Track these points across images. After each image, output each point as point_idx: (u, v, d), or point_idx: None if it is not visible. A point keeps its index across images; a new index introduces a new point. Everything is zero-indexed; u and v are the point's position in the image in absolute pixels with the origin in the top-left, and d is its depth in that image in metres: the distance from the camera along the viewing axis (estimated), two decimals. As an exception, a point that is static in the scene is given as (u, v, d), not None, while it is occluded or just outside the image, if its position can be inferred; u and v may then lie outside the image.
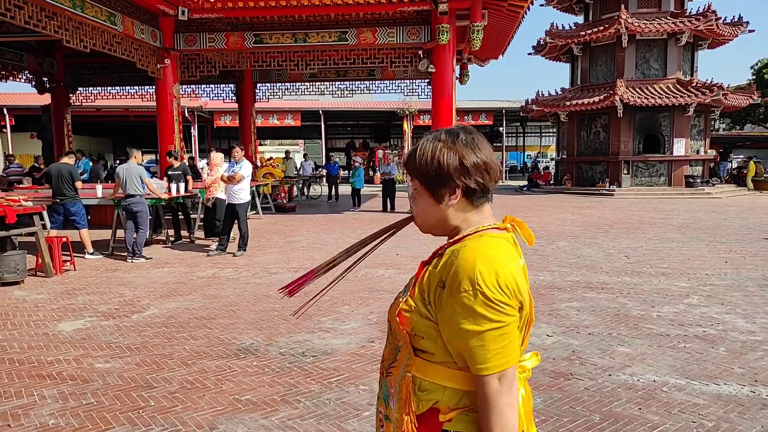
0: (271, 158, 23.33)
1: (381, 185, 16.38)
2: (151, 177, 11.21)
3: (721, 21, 21.18)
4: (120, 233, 9.22)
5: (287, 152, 23.11)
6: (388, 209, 15.47)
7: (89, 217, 10.19)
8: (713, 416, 3.28)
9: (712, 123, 24.41)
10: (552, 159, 33.87)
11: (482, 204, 1.34)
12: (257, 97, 20.70)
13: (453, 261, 1.23)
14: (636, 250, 8.95)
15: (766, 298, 5.89)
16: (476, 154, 1.31)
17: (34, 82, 17.69)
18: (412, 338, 1.32)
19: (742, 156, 28.96)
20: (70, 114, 18.70)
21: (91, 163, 17.05)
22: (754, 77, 24.47)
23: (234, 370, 4.04)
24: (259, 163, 19.84)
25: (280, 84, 20.46)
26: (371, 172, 29.77)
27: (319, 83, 20.37)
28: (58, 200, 8.43)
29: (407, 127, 30.75)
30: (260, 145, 32.70)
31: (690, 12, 21.89)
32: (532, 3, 13.66)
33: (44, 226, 8.88)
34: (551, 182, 26.14)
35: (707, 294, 6.10)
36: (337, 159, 23.14)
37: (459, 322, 1.20)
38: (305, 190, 21.33)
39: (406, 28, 13.62)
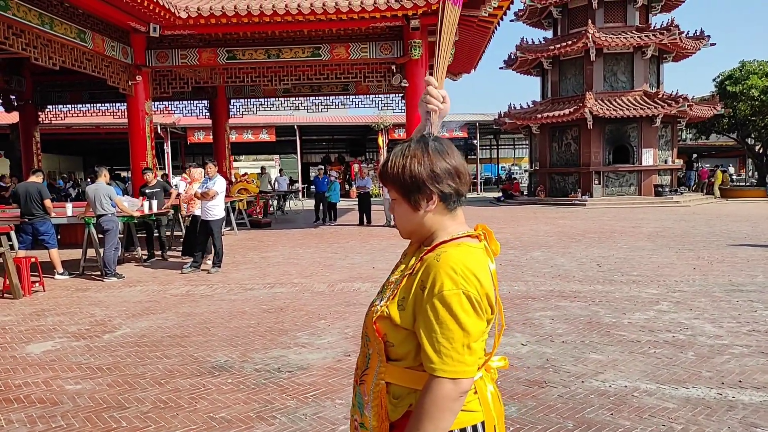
0: (245, 174, 23.20)
1: (357, 199, 16.41)
2: (123, 195, 11.06)
3: (684, 35, 21.88)
4: (91, 252, 9.06)
5: (262, 168, 23.01)
6: (365, 223, 15.48)
7: (59, 237, 9.99)
8: (682, 419, 3.35)
9: (679, 133, 25.08)
10: (525, 170, 34.35)
11: (456, 209, 1.39)
12: (231, 113, 20.60)
13: (434, 265, 1.28)
14: (607, 258, 9.11)
15: (732, 303, 6.05)
16: (446, 161, 1.36)
17: (1, 100, 17.34)
18: (385, 345, 1.35)
19: (708, 165, 29.78)
20: (39, 132, 18.35)
21: (46, 183, 16.66)
22: (717, 89, 25.21)
23: (208, 388, 3.99)
24: (233, 179, 19.69)
25: (254, 99, 20.40)
26: (347, 186, 29.78)
27: (294, 98, 20.36)
28: (26, 220, 8.26)
29: (382, 141, 30.89)
30: (235, 160, 32.51)
31: (654, 26, 22.56)
32: (501, 19, 13.94)
33: (12, 247, 8.68)
34: (525, 193, 26.51)
35: (676, 300, 6.24)
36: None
37: (438, 319, 1.25)
38: (281, 205, 21.22)
39: (379, 44, 13.76)
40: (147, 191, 10.37)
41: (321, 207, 16.63)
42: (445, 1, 1.46)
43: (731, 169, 27.79)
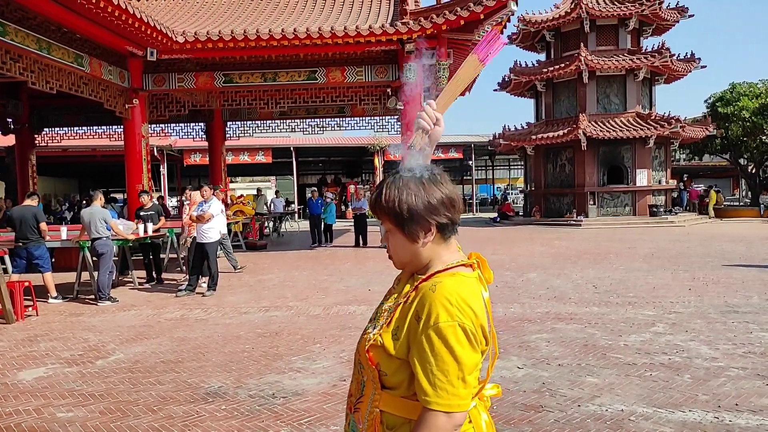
0: (241, 195, 23.20)
1: (353, 220, 16.40)
2: (119, 218, 11.04)
3: (675, 57, 22.20)
4: (85, 276, 9.02)
5: (258, 189, 23.03)
6: (361, 244, 15.47)
7: (53, 260, 9.94)
8: (679, 444, 3.33)
9: (673, 154, 25.26)
10: (521, 191, 34.53)
11: (450, 237, 1.39)
12: (227, 135, 20.70)
13: (429, 295, 1.27)
14: (603, 280, 9.12)
15: (727, 325, 6.05)
16: (441, 191, 1.35)
17: (-3, 124, 17.41)
18: (379, 374, 1.34)
19: (702, 186, 29.98)
20: (35, 155, 18.38)
21: (41, 205, 16.54)
22: (709, 110, 25.49)
23: (202, 415, 3.95)
24: (229, 201, 19.68)
25: (250, 122, 20.53)
26: (343, 207, 29.83)
27: (290, 121, 20.50)
28: (21, 244, 8.22)
29: (378, 162, 31.04)
30: (231, 182, 32.54)
31: (646, 49, 22.89)
32: (495, 42, 14.12)
33: (5, 271, 8.64)
34: (520, 214, 26.60)
35: (672, 322, 6.24)
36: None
37: (434, 351, 1.24)
38: (277, 227, 21.19)
39: (375, 67, 13.92)
40: (142, 214, 10.37)
41: (316, 229, 16.34)
42: (472, 53, 1.48)
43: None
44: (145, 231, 9.82)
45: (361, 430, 1.39)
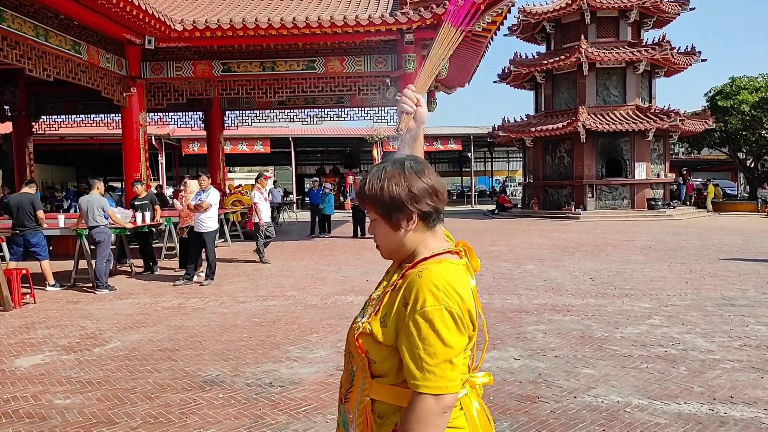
0: (240, 185, 23.14)
1: (351, 211, 16.39)
2: (116, 206, 11.01)
3: (675, 50, 22.13)
4: (82, 264, 9.01)
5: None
6: (359, 235, 15.48)
7: (51, 248, 9.93)
8: (674, 435, 3.35)
9: (672, 147, 25.23)
10: (519, 183, 34.53)
11: (436, 225, 1.40)
12: (226, 125, 20.62)
13: (416, 281, 1.29)
14: (600, 272, 9.14)
15: (723, 317, 6.07)
16: (423, 180, 1.37)
17: (-6, 111, 17.30)
18: (368, 362, 1.35)
19: (700, 179, 29.99)
20: (33, 143, 18.29)
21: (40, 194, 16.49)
22: (708, 104, 25.45)
23: (199, 403, 3.96)
24: (227, 191, 19.65)
25: (248, 111, 20.44)
26: (341, 198, 29.80)
27: (288, 110, 20.42)
28: (18, 231, 8.20)
29: (377, 153, 30.95)
30: (229, 172, 32.48)
31: (646, 42, 22.81)
32: (495, 34, 14.08)
33: (3, 258, 8.63)
34: (518, 206, 26.60)
35: (669, 314, 6.26)
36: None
37: (421, 335, 1.25)
38: (275, 217, 21.16)
39: (374, 57, 13.84)
40: (137, 203, 10.34)
41: (317, 219, 16.46)
42: (443, 21, 1.53)
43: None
44: (143, 220, 9.80)
45: (351, 420, 1.40)
